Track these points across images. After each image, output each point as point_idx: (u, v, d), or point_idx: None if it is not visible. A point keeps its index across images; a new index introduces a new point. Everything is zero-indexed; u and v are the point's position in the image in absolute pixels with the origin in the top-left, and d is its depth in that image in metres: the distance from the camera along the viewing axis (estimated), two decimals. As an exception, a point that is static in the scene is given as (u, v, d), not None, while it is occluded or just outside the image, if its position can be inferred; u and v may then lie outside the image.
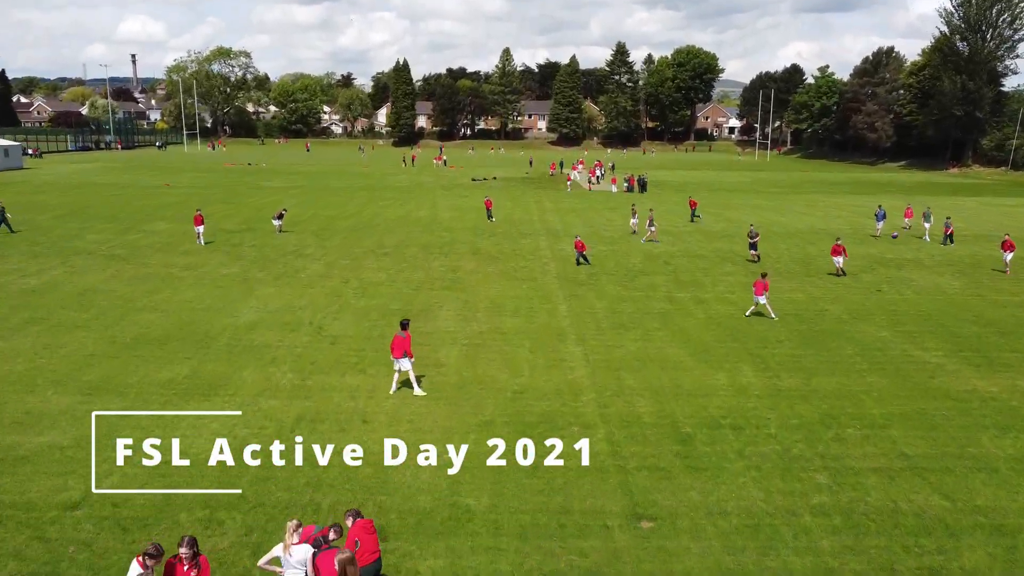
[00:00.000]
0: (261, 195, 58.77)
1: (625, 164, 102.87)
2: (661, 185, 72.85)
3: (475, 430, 14.99)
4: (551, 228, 43.33)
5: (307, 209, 50.29)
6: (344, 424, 15.19)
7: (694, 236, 41.10)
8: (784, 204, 58.03)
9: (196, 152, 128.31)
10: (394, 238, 38.73)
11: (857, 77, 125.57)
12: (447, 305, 25.13)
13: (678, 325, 23.04)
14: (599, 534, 11.45)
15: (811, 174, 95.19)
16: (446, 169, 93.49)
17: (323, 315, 23.59)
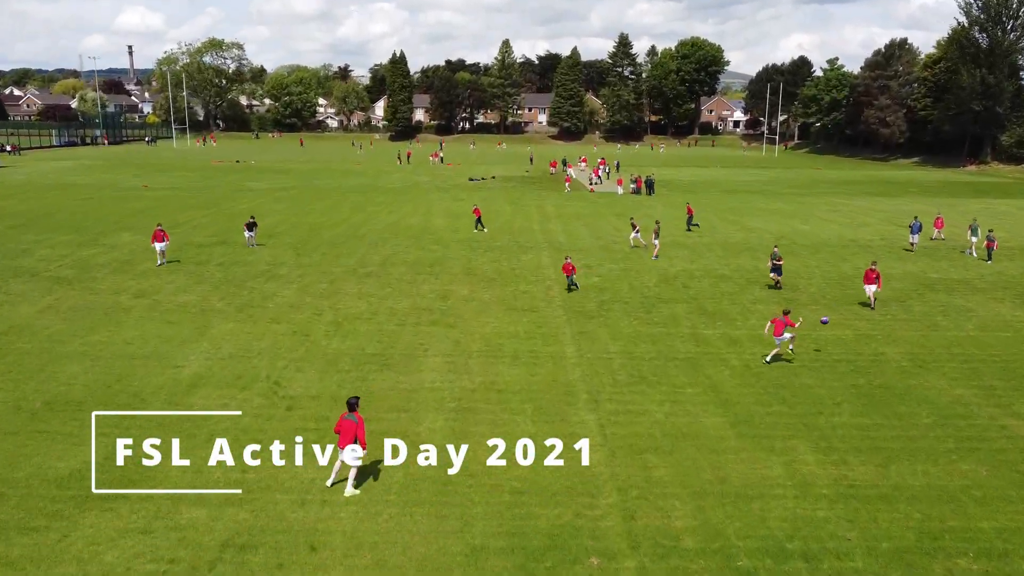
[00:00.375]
0: (243, 199, 54.82)
1: (631, 161, 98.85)
2: (669, 185, 68.88)
3: (460, 564, 11.15)
4: (554, 240, 39.43)
5: (290, 216, 46.38)
6: (284, 554, 11.33)
7: (712, 251, 37.17)
8: (805, 208, 54.07)
9: (185, 148, 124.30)
10: (380, 253, 34.83)
11: (868, 70, 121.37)
12: (434, 347, 21.29)
13: (710, 378, 19.19)
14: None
15: (824, 172, 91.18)
16: (443, 167, 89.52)
17: (284, 364, 19.74)
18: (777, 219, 48.34)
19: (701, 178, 79.88)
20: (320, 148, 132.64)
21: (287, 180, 69.64)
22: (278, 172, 78.67)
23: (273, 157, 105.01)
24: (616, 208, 53.05)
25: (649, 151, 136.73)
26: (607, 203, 56.16)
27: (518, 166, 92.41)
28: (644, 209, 51.31)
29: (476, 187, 66.65)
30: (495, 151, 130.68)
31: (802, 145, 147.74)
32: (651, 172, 66.82)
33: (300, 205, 51.69)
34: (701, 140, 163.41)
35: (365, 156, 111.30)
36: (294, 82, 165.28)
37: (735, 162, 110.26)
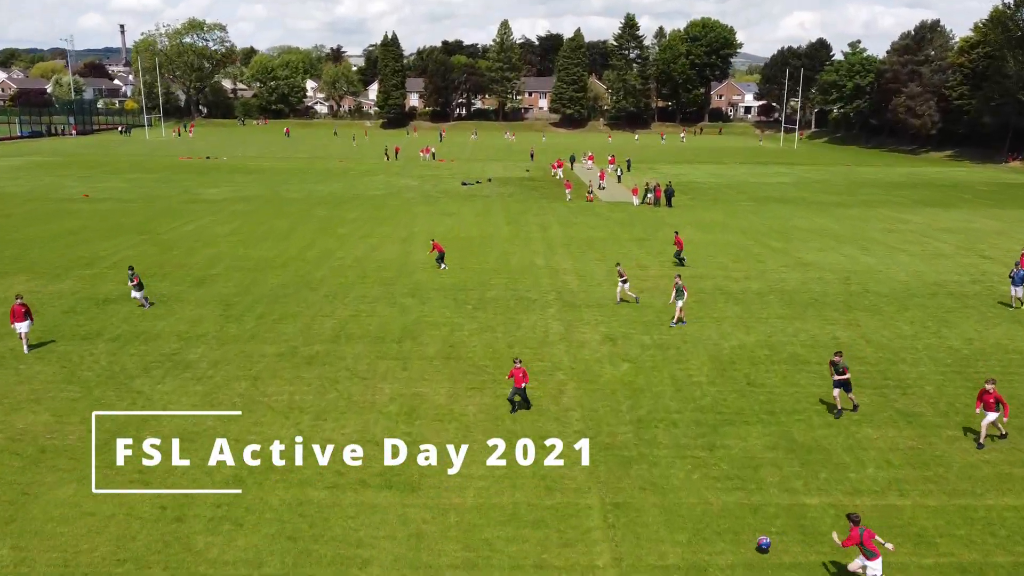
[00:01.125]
0: (190, 216, 46.28)
1: (639, 156, 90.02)
2: (688, 189, 60.26)
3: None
4: (563, 285, 30.96)
5: (236, 246, 37.88)
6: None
7: (768, 305, 28.70)
8: (857, 228, 45.53)
9: (158, 140, 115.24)
10: (336, 316, 26.41)
11: (896, 55, 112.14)
12: (379, 559, 12.93)
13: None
14: None
15: (856, 170, 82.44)
16: (434, 165, 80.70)
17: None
18: (831, 246, 39.85)
19: (722, 179, 71.21)
20: (306, 138, 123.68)
21: (252, 185, 60.96)
22: (247, 173, 69.97)
23: (250, 151, 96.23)
24: (634, 227, 44.50)
25: (658, 141, 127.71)
26: (621, 220, 47.58)
27: (517, 163, 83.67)
28: (663, 231, 42.81)
29: (469, 194, 58.06)
30: (496, 143, 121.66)
31: (820, 134, 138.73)
32: (668, 178, 57.94)
33: (254, 226, 43.13)
34: (711, 127, 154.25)
35: (357, 148, 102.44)
36: (280, 66, 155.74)
37: (752, 155, 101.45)
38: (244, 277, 31.43)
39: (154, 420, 17.86)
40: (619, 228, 44.20)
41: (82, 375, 20.61)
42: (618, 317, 26.69)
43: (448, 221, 45.59)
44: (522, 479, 15.45)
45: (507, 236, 41.20)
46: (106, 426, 17.19)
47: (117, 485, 14.88)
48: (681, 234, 38.48)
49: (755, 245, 39.66)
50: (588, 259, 35.86)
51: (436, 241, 34.19)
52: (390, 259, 35.13)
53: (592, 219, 47.38)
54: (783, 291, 30.55)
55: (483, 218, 46.83)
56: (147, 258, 34.60)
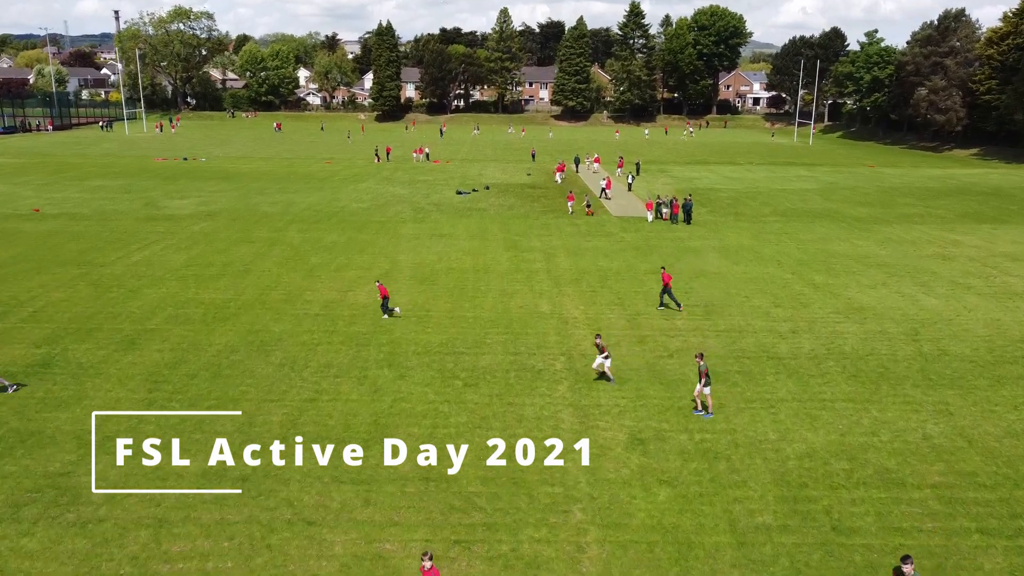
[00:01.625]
0: (144, 240, 40.57)
1: (647, 154, 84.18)
2: (706, 200, 54.47)
3: None
4: (576, 347, 25.33)
5: (190, 282, 32.23)
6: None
7: (828, 374, 23.13)
8: (909, 255, 39.83)
9: (139, 136, 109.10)
10: (285, 404, 20.82)
11: (919, 46, 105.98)
12: None
13: None
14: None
15: (882, 172, 76.56)
16: (428, 167, 74.81)
17: None
18: (883, 281, 34.19)
19: (740, 184, 65.41)
20: (296, 132, 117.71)
21: (225, 195, 55.17)
22: (223, 178, 64.15)
23: (233, 149, 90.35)
24: (651, 255, 38.78)
25: (667, 136, 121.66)
26: (636, 243, 41.83)
27: (517, 164, 77.83)
28: (686, 259, 37.13)
29: (464, 206, 52.31)
30: (497, 139, 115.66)
31: (833, 128, 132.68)
32: (682, 183, 52.00)
33: (214, 254, 37.40)
34: (717, 120, 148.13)
35: (351, 145, 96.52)
36: (270, 56, 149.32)
37: (767, 153, 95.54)
38: (186, 334, 25.77)
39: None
40: (634, 256, 38.47)
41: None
42: (644, 399, 21.11)
43: (438, 246, 39.89)
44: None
45: (507, 268, 35.49)
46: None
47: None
48: (707, 264, 33.03)
49: (795, 280, 33.99)
50: (602, 302, 30.18)
51: (381, 283, 28.26)
52: (366, 304, 29.46)
53: (603, 242, 41.65)
54: (843, 354, 24.89)
55: (479, 241, 41.11)
56: (76, 304, 28.95)
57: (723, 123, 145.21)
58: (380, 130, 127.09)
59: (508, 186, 62.23)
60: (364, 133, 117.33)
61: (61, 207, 49.95)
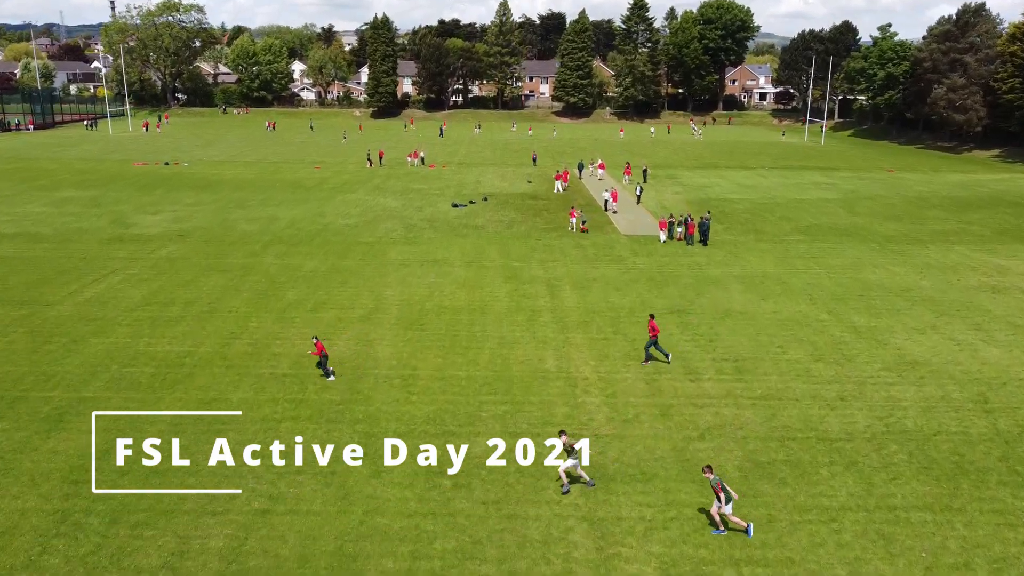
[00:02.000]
0: (102, 269, 36.48)
1: (653, 156, 79.92)
2: (722, 215, 50.32)
3: None
4: (589, 422, 21.35)
5: (144, 329, 28.22)
6: None
7: (896, 468, 19.19)
8: (952, 285, 35.75)
9: (123, 135, 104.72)
10: (217, 537, 16.80)
11: (936, 42, 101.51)
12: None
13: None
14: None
15: (903, 177, 72.33)
16: (423, 172, 70.56)
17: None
18: (933, 323, 30.18)
19: (755, 192, 61.25)
20: (289, 130, 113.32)
21: (202, 209, 51.02)
22: (203, 188, 59.99)
23: (219, 151, 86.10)
24: (667, 286, 34.69)
25: (673, 135, 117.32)
26: (649, 270, 37.71)
27: (518, 168, 73.64)
28: (707, 293, 33.05)
29: (460, 222, 48.21)
30: (497, 137, 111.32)
31: (843, 125, 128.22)
32: (693, 191, 47.70)
33: (177, 288, 33.30)
34: (721, 117, 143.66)
35: (346, 145, 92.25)
36: (262, 50, 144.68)
37: (778, 154, 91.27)
38: (125, 403, 21.76)
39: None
40: (649, 288, 34.37)
41: None
42: (675, 506, 17.16)
43: (430, 275, 35.83)
44: None
45: (506, 306, 31.43)
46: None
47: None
48: (731, 299, 29.07)
49: (833, 322, 29.93)
50: (615, 354, 26.14)
51: (319, 341, 24.04)
52: (343, 357, 25.43)
53: (612, 269, 37.54)
54: (905, 432, 20.89)
55: (475, 270, 37.03)
56: (5, 361, 24.93)
57: (727, 120, 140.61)
58: (377, 128, 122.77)
59: (507, 196, 58.09)
60: (362, 132, 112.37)
61: (20, 225, 45.85)
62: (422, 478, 18.18)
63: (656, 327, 25.41)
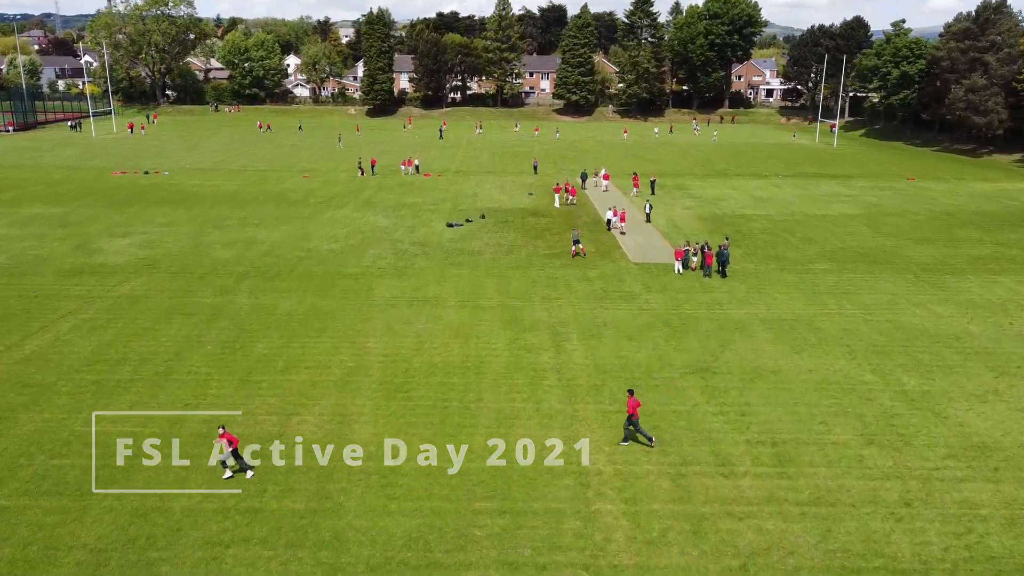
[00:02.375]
0: (52, 311, 32.57)
1: (658, 160, 75.90)
2: (740, 236, 46.38)
3: None
4: (601, 543, 17.56)
5: (86, 398, 24.37)
6: None
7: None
8: (1003, 330, 31.87)
9: (107, 137, 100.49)
10: None
11: (955, 40, 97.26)
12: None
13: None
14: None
15: (925, 188, 68.30)
16: (417, 182, 66.48)
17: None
18: (993, 385, 26.40)
19: (772, 207, 57.34)
20: (280, 132, 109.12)
21: (176, 230, 47.04)
22: (180, 202, 56.03)
23: (205, 155, 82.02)
24: (687, 336, 30.81)
25: (679, 136, 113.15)
26: (664, 312, 33.81)
27: (518, 177, 69.65)
28: (733, 343, 29.14)
29: (454, 246, 44.29)
30: (496, 138, 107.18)
31: (855, 124, 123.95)
32: (706, 204, 43.60)
33: (132, 339, 29.39)
34: (730, 115, 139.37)
35: (341, 150, 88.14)
36: (254, 46, 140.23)
37: (791, 158, 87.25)
38: (40, 524, 17.89)
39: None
40: (666, 337, 30.45)
41: None
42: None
43: (420, 318, 31.98)
44: None
45: (505, 363, 27.56)
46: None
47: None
48: (759, 353, 25.43)
49: (880, 386, 26.08)
50: (633, 445, 22.24)
51: (226, 431, 20.03)
52: (312, 436, 21.55)
53: (623, 311, 33.63)
54: (993, 562, 17.05)
55: (470, 311, 33.15)
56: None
57: (730, 118, 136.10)
58: (373, 128, 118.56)
59: (507, 213, 54.13)
60: (359, 134, 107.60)
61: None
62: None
63: (636, 404, 21.65)
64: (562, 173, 72.72)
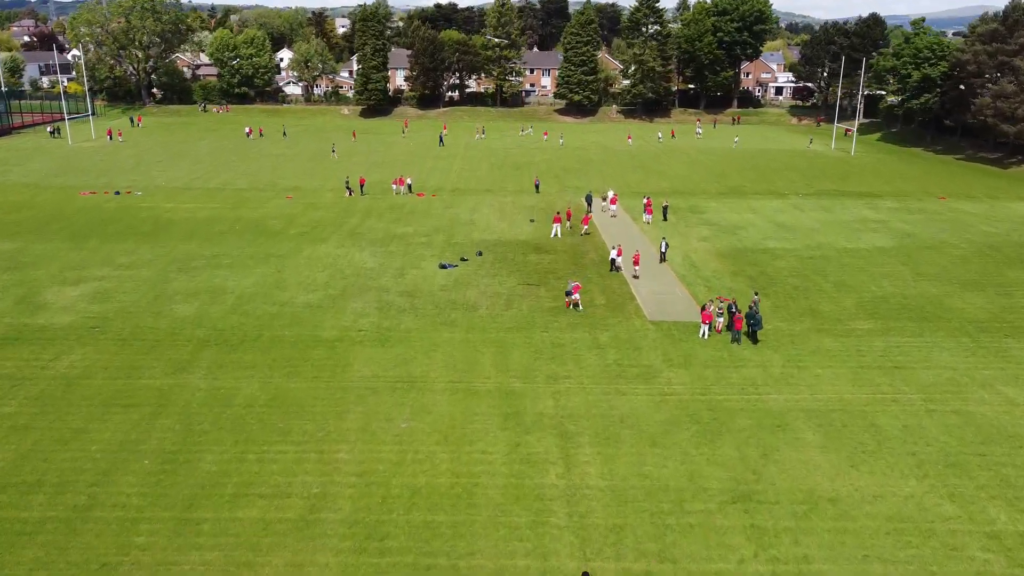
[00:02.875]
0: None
1: (664, 172, 70.72)
2: (764, 277, 41.31)
3: None
4: None
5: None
6: None
7: None
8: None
9: (84, 146, 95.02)
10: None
11: (981, 42, 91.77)
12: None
13: None
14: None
15: (959, 210, 63.14)
16: (409, 205, 61.26)
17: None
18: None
19: (797, 237, 52.37)
20: (270, 136, 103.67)
21: (133, 276, 41.93)
22: (147, 234, 50.97)
23: (183, 169, 76.77)
24: (720, 435, 25.85)
25: (682, 141, 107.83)
26: (691, 401, 28.83)
27: (518, 199, 64.51)
28: (779, 453, 24.20)
29: (448, 297, 39.29)
30: (495, 145, 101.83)
31: (870, 127, 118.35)
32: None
33: (45, 457, 24.42)
34: (741, 115, 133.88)
35: (331, 162, 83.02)
36: (243, 42, 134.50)
37: (809, 170, 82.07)
38: None
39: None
40: (696, 440, 25.50)
41: None
42: None
43: (403, 411, 27.05)
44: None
45: (502, 490, 22.62)
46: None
47: None
48: (809, 466, 20.82)
49: (963, 522, 21.22)
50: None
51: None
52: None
53: (643, 396, 28.69)
54: None
55: (463, 400, 28.19)
56: None
57: (736, 118, 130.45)
58: (368, 132, 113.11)
59: (506, 248, 49.08)
60: (355, 140, 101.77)
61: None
62: None
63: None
64: (565, 191, 67.65)
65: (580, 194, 64.53)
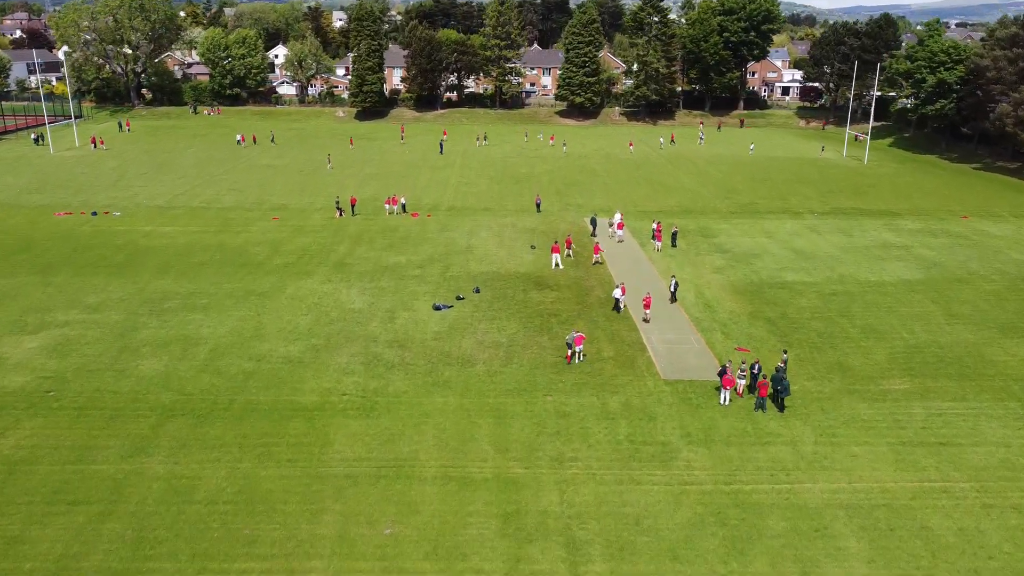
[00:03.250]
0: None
1: (669, 187, 67.15)
2: (787, 321, 37.91)
3: None
4: None
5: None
6: None
7: None
8: None
9: (66, 155, 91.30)
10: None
11: (1000, 47, 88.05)
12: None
13: None
14: None
15: (989, 233, 59.60)
16: (403, 228, 57.70)
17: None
18: None
19: (817, 267, 49.02)
20: (263, 141, 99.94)
21: (99, 321, 38.47)
22: (120, 267, 47.53)
23: (167, 183, 73.19)
24: (752, 541, 22.57)
25: (685, 149, 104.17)
26: (715, 492, 25.52)
27: (519, 216, 60.98)
28: (815, 565, 20.92)
29: (441, 347, 35.91)
30: (495, 153, 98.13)
31: (882, 131, 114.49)
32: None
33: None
34: (747, 118, 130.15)
35: (331, 172, 79.51)
36: (235, 42, 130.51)
37: (822, 181, 78.60)
38: None
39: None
40: (723, 553, 22.19)
41: None
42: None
43: (386, 513, 23.72)
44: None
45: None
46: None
47: None
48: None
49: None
50: None
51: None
52: None
53: (660, 485, 25.35)
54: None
55: (455, 492, 24.84)
56: None
57: (740, 121, 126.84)
58: (364, 138, 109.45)
59: (505, 282, 45.64)
60: (353, 148, 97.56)
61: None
62: None
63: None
64: (567, 210, 64.17)
65: (583, 213, 61.18)
